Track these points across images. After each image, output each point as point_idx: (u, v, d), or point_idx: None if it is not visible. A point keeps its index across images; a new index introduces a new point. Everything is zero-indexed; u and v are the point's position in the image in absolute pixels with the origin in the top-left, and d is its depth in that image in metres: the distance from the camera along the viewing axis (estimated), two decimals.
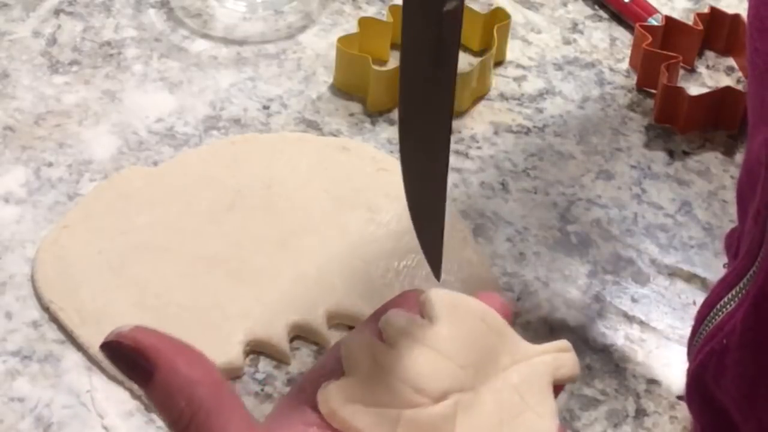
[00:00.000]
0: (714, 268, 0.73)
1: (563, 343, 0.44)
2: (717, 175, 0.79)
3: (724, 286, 0.55)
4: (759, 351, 0.51)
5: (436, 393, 0.40)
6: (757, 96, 0.54)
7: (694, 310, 0.71)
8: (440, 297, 0.43)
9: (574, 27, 0.89)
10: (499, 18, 0.85)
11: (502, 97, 0.83)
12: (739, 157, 0.80)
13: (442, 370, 0.41)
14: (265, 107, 0.81)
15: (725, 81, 0.86)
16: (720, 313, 0.55)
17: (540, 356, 0.44)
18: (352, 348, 0.41)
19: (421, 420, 0.40)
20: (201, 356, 0.40)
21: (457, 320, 0.42)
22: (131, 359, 0.39)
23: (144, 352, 0.39)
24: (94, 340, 0.66)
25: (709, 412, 0.56)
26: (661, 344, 0.69)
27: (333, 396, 0.40)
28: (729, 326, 0.53)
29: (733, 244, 0.61)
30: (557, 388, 0.44)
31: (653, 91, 0.83)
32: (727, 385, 0.53)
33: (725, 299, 0.54)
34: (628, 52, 0.86)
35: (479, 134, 0.80)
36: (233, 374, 0.66)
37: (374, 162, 0.77)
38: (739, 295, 0.53)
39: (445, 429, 0.40)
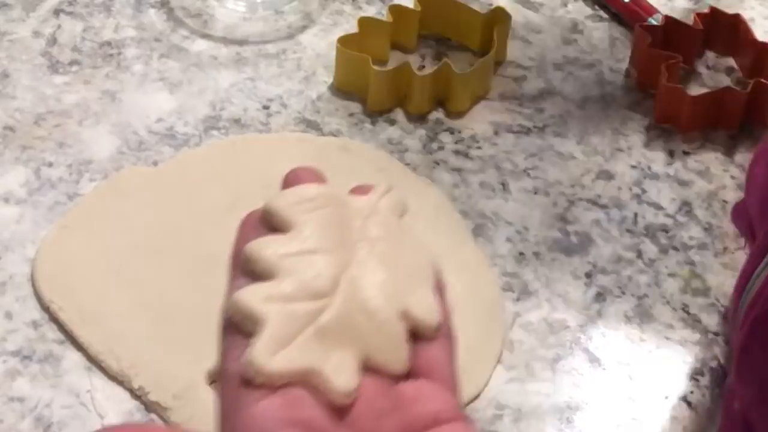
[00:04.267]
0: (714, 268, 0.73)
1: (386, 185, 0.47)
2: (717, 175, 0.79)
3: (757, 253, 0.55)
4: None
5: (328, 287, 0.42)
6: None
7: (694, 310, 0.71)
8: (279, 204, 0.44)
9: (574, 27, 0.89)
10: (499, 18, 0.85)
11: (502, 97, 0.83)
12: (739, 157, 0.80)
13: (321, 266, 0.42)
14: (265, 107, 0.81)
15: (725, 81, 0.86)
16: (757, 281, 0.55)
17: (378, 203, 0.46)
18: (241, 304, 0.41)
19: (334, 318, 0.41)
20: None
21: (304, 213, 0.44)
22: None
23: None
24: (94, 340, 0.66)
25: (756, 383, 0.56)
26: (661, 344, 0.69)
27: (259, 360, 0.40)
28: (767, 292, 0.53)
29: (742, 217, 0.60)
30: None
31: (653, 91, 0.83)
32: None
33: (760, 267, 0.54)
34: (628, 52, 0.86)
35: (479, 134, 0.80)
36: None
37: (374, 162, 0.77)
38: None
39: (354, 307, 0.42)
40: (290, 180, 0.47)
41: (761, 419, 0.56)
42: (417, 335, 0.43)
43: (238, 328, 0.41)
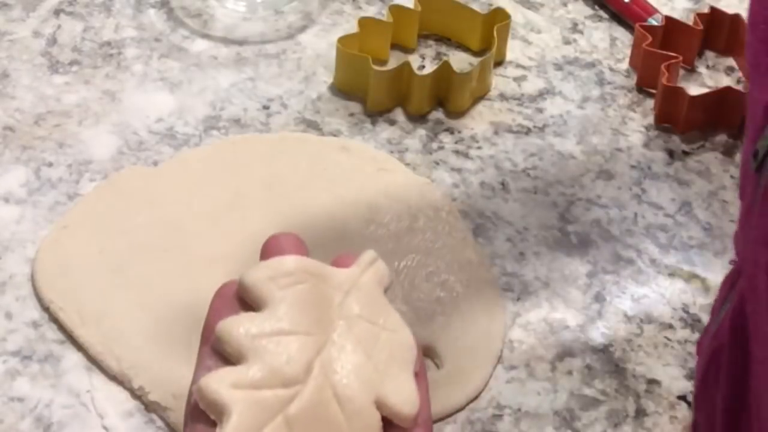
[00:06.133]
0: (714, 268, 0.73)
1: (370, 254, 0.45)
2: (717, 175, 0.79)
3: (727, 283, 0.55)
4: (744, 350, 0.50)
5: (300, 373, 0.40)
6: (750, 93, 0.54)
7: (694, 311, 0.71)
8: (254, 279, 0.43)
9: (574, 27, 0.89)
10: (499, 18, 0.85)
11: (502, 97, 0.83)
12: (740, 157, 0.80)
13: (294, 349, 0.41)
14: (265, 107, 0.81)
15: (725, 81, 0.86)
16: (724, 311, 0.55)
17: (361, 277, 0.44)
18: (207, 392, 0.40)
19: (305, 407, 0.40)
20: None
21: (282, 289, 0.42)
22: None
23: None
24: (94, 340, 0.66)
25: (712, 410, 0.57)
26: (661, 344, 0.69)
27: None
28: (725, 324, 0.53)
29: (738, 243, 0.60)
30: None
31: (653, 91, 0.83)
32: (720, 384, 0.53)
33: (729, 297, 0.54)
34: (628, 52, 0.86)
35: (479, 134, 0.80)
36: None
37: (374, 162, 0.77)
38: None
39: (327, 394, 0.40)
40: (270, 247, 0.45)
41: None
42: (393, 424, 0.41)
43: (204, 415, 0.40)
